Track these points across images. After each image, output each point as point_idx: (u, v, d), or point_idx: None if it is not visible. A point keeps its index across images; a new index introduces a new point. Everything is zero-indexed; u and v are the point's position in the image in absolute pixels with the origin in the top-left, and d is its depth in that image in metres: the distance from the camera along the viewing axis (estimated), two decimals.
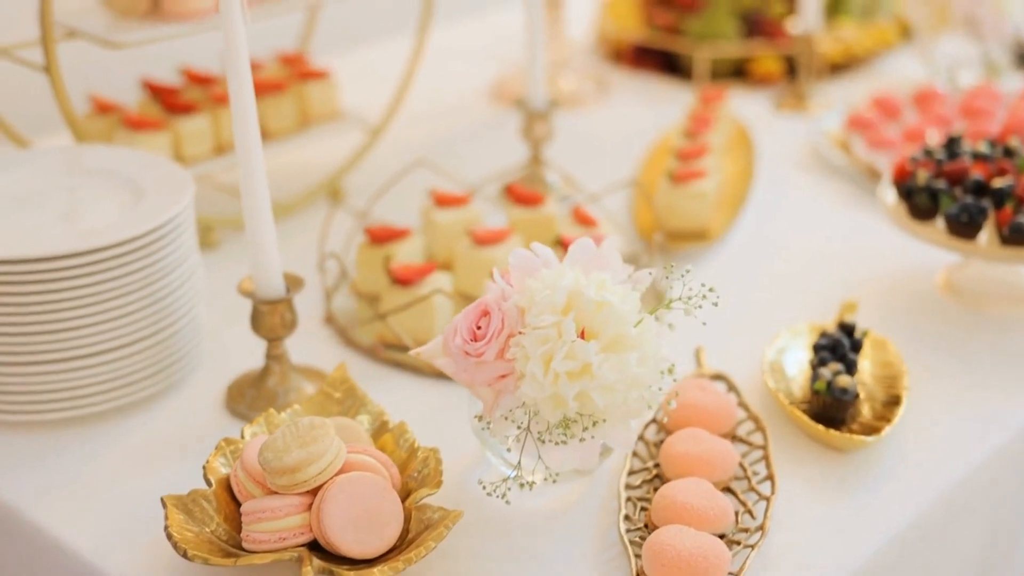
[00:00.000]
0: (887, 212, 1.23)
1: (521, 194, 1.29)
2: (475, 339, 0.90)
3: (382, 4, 1.85)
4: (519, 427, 0.90)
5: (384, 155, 1.52)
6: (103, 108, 1.37)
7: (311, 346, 1.17)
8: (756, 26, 1.79)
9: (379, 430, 0.99)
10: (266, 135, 1.41)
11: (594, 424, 0.89)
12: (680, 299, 0.90)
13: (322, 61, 1.67)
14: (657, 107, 1.71)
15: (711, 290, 0.90)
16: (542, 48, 1.39)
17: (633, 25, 1.86)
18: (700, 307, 0.90)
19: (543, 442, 0.90)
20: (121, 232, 1.05)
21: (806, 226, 1.40)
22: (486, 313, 0.91)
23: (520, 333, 0.89)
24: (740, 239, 1.37)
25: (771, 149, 1.58)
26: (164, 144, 1.32)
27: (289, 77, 1.47)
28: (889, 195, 1.24)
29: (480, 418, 0.93)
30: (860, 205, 1.42)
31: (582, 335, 0.88)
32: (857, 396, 1.02)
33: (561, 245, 1.19)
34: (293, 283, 1.06)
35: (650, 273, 0.94)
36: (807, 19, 1.66)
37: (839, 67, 1.82)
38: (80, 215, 1.10)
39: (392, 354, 1.14)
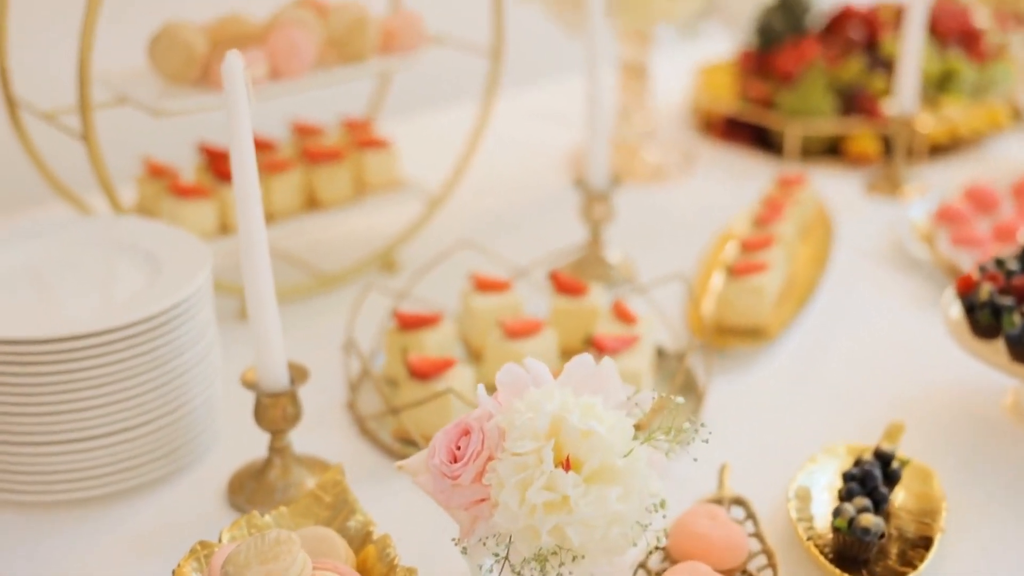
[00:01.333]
0: (947, 326, 1.14)
1: (564, 282, 1.24)
2: (454, 460, 0.85)
3: (465, 66, 1.81)
4: (495, 556, 0.85)
5: (445, 225, 1.49)
6: (156, 172, 1.36)
7: (327, 434, 1.14)
8: (853, 102, 1.70)
9: (363, 540, 0.94)
10: (320, 205, 1.39)
11: (573, 559, 0.83)
12: (666, 432, 0.83)
13: (397, 124, 1.65)
14: (745, 183, 1.64)
15: (702, 425, 0.84)
16: (605, 122, 1.34)
17: (726, 96, 1.79)
18: (690, 442, 0.83)
19: (519, 574, 0.84)
20: (133, 313, 1.02)
21: (870, 328, 1.31)
22: (467, 432, 0.86)
23: (498, 458, 0.84)
24: (797, 338, 1.29)
25: (853, 236, 1.50)
26: (209, 212, 1.31)
27: (349, 145, 1.44)
28: (954, 306, 1.15)
29: (456, 541, 0.88)
30: (934, 308, 1.33)
31: (566, 463, 0.83)
32: (883, 536, 0.94)
33: (592, 344, 1.13)
34: (298, 375, 1.03)
35: (652, 397, 0.88)
36: (904, 98, 1.57)
37: (943, 149, 1.73)
38: (92, 293, 1.08)
39: (408, 450, 1.10)
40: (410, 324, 1.17)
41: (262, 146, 1.42)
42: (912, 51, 1.55)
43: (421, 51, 1.39)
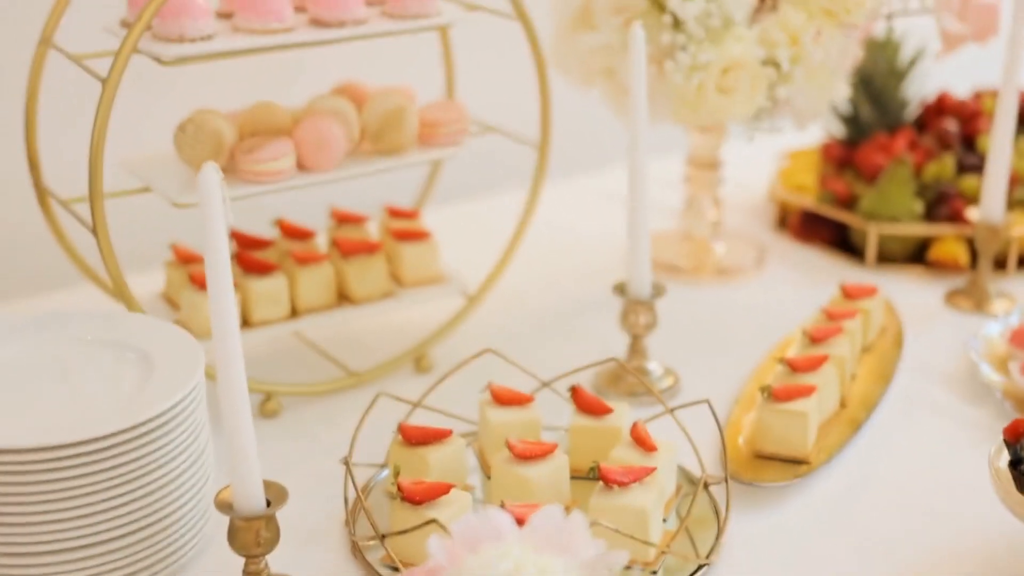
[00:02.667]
0: (992, 475, 1.03)
1: (585, 400, 1.16)
2: None
3: (520, 150, 1.76)
4: None
5: (484, 322, 1.43)
6: (183, 258, 1.33)
7: (316, 553, 1.08)
8: (941, 203, 1.60)
9: None
10: (352, 299, 1.34)
11: None
12: None
13: (444, 208, 1.59)
14: (819, 286, 1.54)
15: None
16: (645, 226, 1.26)
17: (806, 189, 1.70)
18: None
19: None
20: (119, 420, 0.98)
21: (921, 464, 1.20)
22: None
23: None
24: (839, 468, 1.19)
25: (923, 353, 1.39)
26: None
27: (387, 235, 1.39)
28: (1003, 455, 1.05)
29: None
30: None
31: None
32: None
33: (599, 474, 1.05)
34: (276, 497, 0.98)
35: (625, 557, 0.80)
36: (991, 201, 1.46)
37: None
38: (77, 395, 1.04)
39: None
40: (415, 439, 1.11)
41: (299, 234, 1.38)
42: (1001, 147, 1.44)
43: (463, 144, 1.33)
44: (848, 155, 1.72)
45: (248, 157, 1.21)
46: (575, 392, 1.17)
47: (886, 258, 1.59)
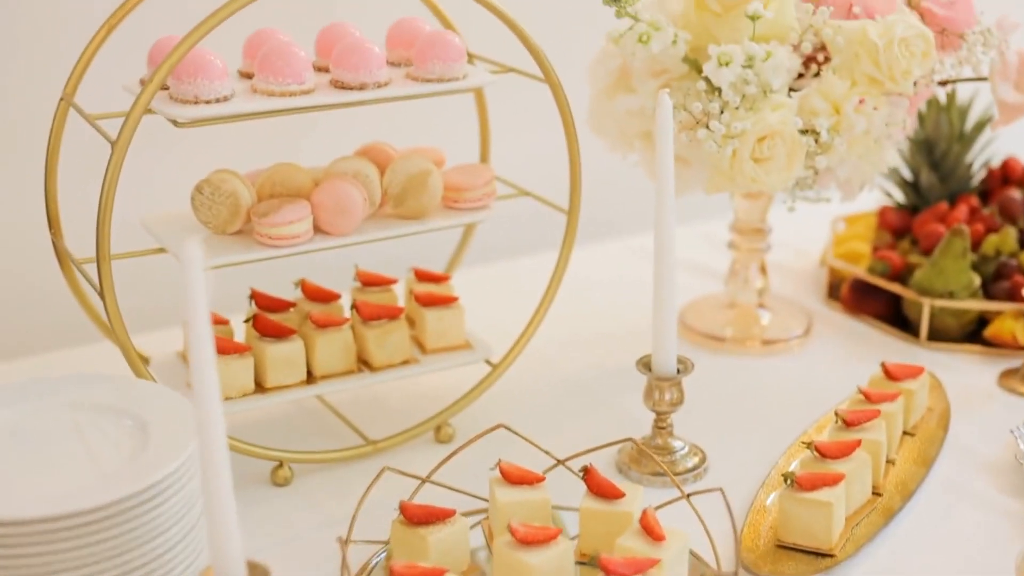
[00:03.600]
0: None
1: (597, 482, 1.12)
2: None
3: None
4: None
5: (506, 391, 1.39)
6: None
7: None
8: (1001, 277, 1.52)
9: None
10: (371, 366, 1.30)
11: None
12: None
13: (475, 269, 1.54)
14: (866, 361, 1.48)
15: None
16: (672, 294, 1.22)
17: (860, 258, 1.64)
18: None
19: None
20: (111, 491, 0.96)
21: (957, 560, 1.13)
22: None
23: None
24: (867, 563, 1.13)
25: (969, 438, 1.32)
26: (241, 370, 1.24)
27: (411, 300, 1.36)
28: None
29: None
30: None
31: None
32: None
33: (599, 565, 1.00)
34: None
35: None
36: None
37: None
38: (66, 464, 1.02)
39: None
40: (415, 518, 1.07)
41: (322, 296, 1.35)
42: None
43: (490, 209, 1.30)
44: (906, 223, 1.65)
45: (263, 220, 1.19)
46: (587, 473, 1.13)
47: (939, 334, 1.52)
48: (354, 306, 1.32)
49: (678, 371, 1.25)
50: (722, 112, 1.27)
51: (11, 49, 1.51)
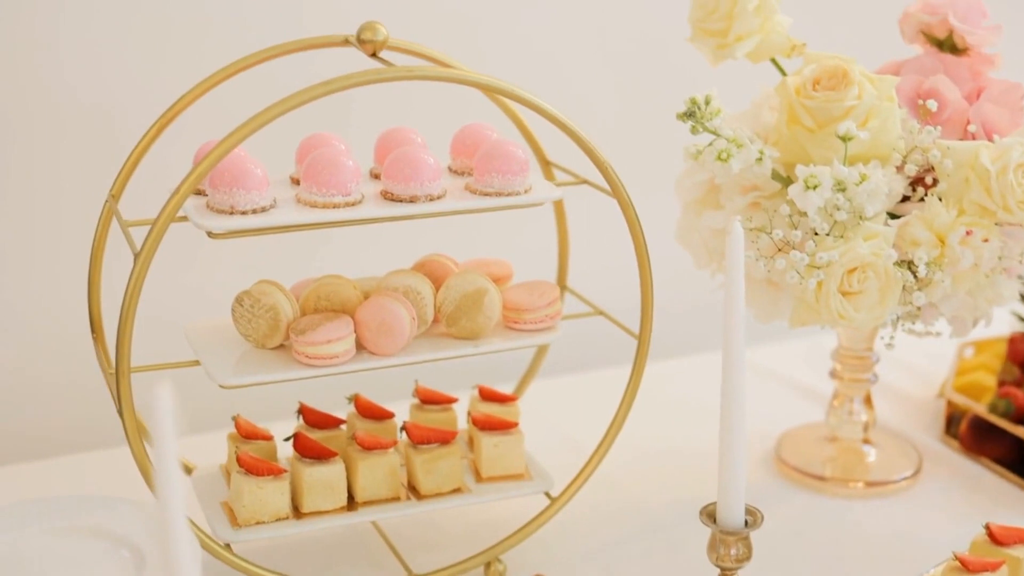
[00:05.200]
0: None
1: None
2: None
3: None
4: None
5: (564, 526, 1.28)
6: (244, 433, 1.24)
7: None
8: None
9: None
10: (418, 493, 1.22)
11: None
12: None
13: (542, 384, 1.44)
14: (981, 513, 1.32)
15: None
16: (741, 440, 1.09)
17: (984, 391, 1.48)
18: None
19: None
20: None
21: None
22: None
23: None
24: None
25: None
26: (274, 494, 1.16)
27: (469, 421, 1.27)
28: None
29: None
30: None
31: None
32: None
33: None
34: None
35: None
36: None
37: None
38: None
39: None
40: None
41: (375, 414, 1.27)
42: None
43: (554, 330, 1.21)
44: None
45: (300, 338, 1.12)
46: None
47: None
48: (404, 428, 1.24)
49: (746, 524, 1.12)
50: (809, 239, 1.15)
51: (61, 142, 1.48)
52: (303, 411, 1.26)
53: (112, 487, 1.27)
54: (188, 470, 1.28)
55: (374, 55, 1.13)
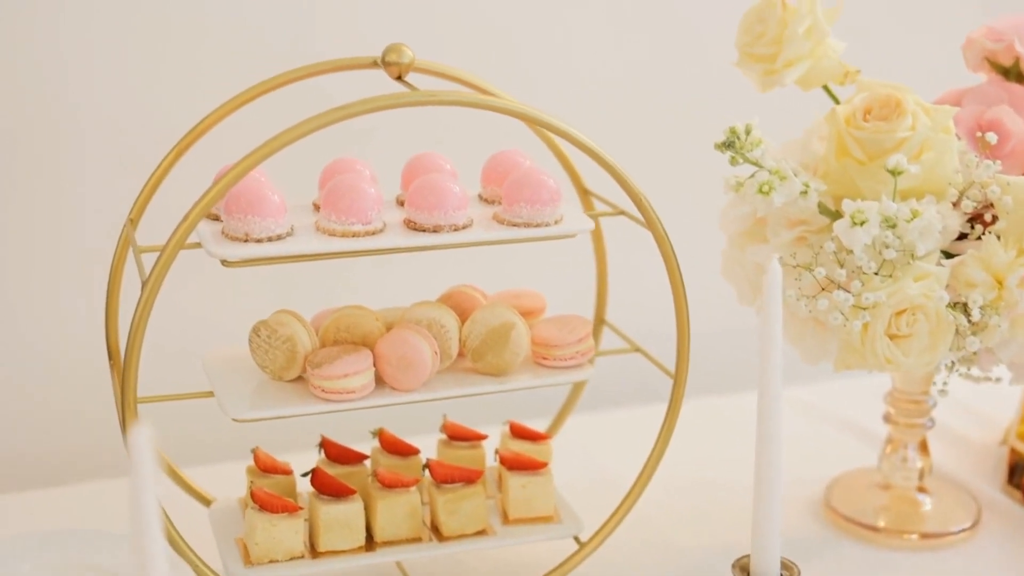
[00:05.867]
0: None
1: None
2: None
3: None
4: None
5: (603, 561, 1.22)
6: (265, 467, 1.20)
7: None
8: None
9: None
10: (440, 533, 1.16)
11: None
12: None
13: (576, 419, 1.38)
14: None
15: None
16: (777, 489, 1.03)
17: None
18: None
19: None
20: None
21: None
22: None
23: None
24: None
25: None
26: (292, 530, 1.12)
27: (498, 459, 1.22)
28: None
29: None
30: None
31: None
32: None
33: None
34: None
35: None
36: None
37: None
38: None
39: None
40: None
41: (400, 450, 1.22)
42: None
43: (586, 368, 1.15)
44: None
45: (316, 372, 1.07)
46: None
47: None
48: (427, 466, 1.19)
49: None
50: (855, 278, 1.08)
51: (81, 164, 1.46)
52: (324, 445, 1.22)
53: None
54: (207, 502, 1.24)
55: (399, 78, 1.08)
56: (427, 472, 1.19)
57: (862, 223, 1.06)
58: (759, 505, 1.04)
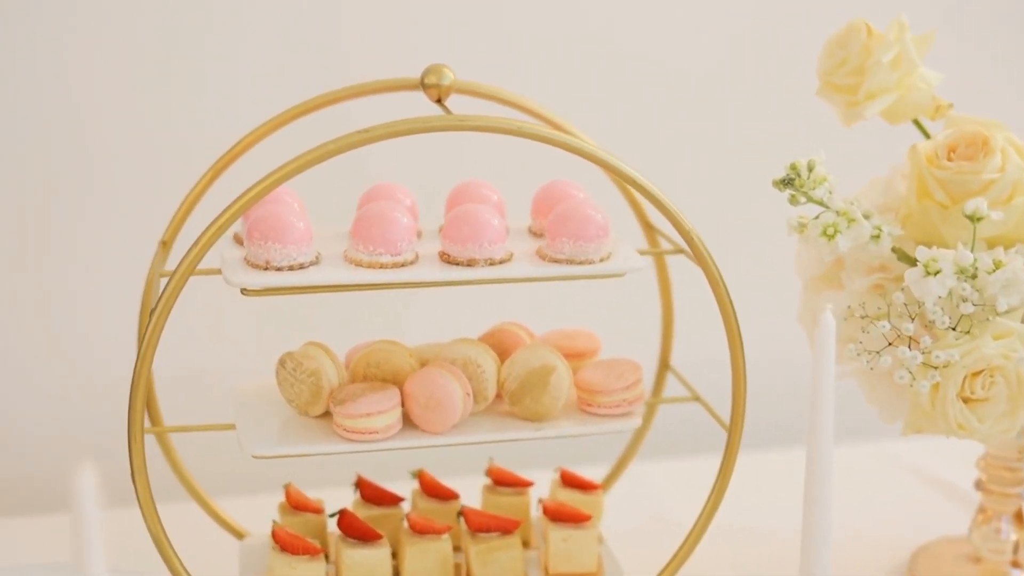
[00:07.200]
0: None
1: None
2: None
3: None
4: None
5: None
6: (295, 504, 1.14)
7: None
8: None
9: None
10: None
11: None
12: None
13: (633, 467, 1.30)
14: None
15: None
16: (827, 558, 0.94)
17: None
18: None
19: None
20: None
21: None
22: None
23: None
24: None
25: None
26: (314, 573, 1.06)
27: (542, 510, 1.14)
28: None
29: None
30: None
31: None
32: None
33: None
34: None
35: None
36: None
37: None
38: None
39: None
40: None
41: (439, 493, 1.16)
42: None
43: (635, 417, 1.07)
44: None
45: (339, 409, 1.01)
46: None
47: None
48: (462, 513, 1.12)
49: None
50: (926, 334, 0.98)
51: (116, 186, 1.42)
52: (360, 484, 1.16)
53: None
54: (240, 535, 1.19)
55: (439, 101, 1.02)
56: (462, 519, 1.12)
57: (936, 273, 0.96)
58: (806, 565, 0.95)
